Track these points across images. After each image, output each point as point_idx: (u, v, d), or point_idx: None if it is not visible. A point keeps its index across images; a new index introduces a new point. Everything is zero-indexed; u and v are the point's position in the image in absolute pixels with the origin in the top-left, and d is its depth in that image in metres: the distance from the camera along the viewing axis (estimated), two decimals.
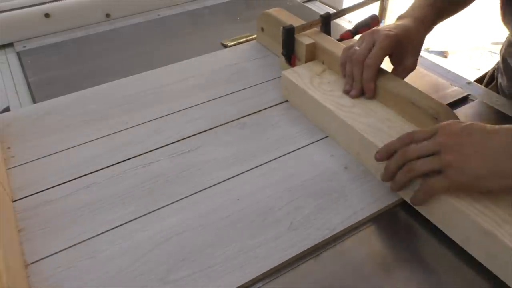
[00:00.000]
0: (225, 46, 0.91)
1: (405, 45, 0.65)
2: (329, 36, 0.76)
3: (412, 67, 0.67)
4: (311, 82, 0.69)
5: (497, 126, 0.48)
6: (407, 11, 0.69)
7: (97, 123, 0.69)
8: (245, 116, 0.70)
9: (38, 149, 0.64)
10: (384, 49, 0.62)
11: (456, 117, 0.57)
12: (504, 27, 0.74)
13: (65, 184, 0.59)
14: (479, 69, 0.83)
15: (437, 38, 2.58)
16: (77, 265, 0.48)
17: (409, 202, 0.53)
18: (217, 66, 0.83)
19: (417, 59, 0.67)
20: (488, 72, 0.90)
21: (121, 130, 0.67)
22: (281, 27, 0.75)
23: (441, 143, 0.48)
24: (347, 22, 1.01)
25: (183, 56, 0.85)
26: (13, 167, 0.61)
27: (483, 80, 0.88)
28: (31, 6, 0.97)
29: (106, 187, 0.58)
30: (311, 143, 0.65)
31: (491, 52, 2.57)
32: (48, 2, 0.99)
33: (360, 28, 0.78)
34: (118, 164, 0.61)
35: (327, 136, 0.66)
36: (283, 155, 0.63)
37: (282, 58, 0.78)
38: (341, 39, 0.78)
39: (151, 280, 0.47)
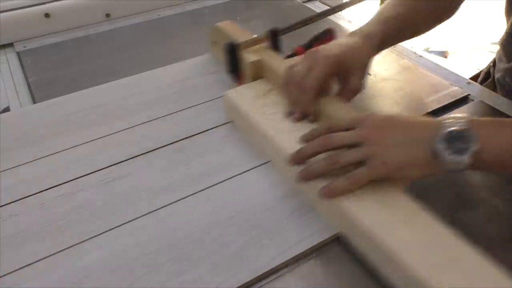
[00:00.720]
0: None
1: (348, 66, 0.60)
2: (276, 53, 0.72)
3: (357, 89, 0.62)
4: (254, 103, 0.64)
5: (415, 119, 0.51)
6: (360, 27, 0.65)
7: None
8: (185, 138, 0.65)
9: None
10: (323, 70, 0.58)
11: None
12: (505, 19, 0.74)
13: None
14: (479, 69, 0.82)
15: (437, 38, 2.59)
16: None
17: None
18: (164, 82, 0.77)
19: (362, 80, 0.62)
20: (483, 70, 0.90)
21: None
22: (224, 43, 0.70)
23: (363, 135, 0.49)
24: (347, 22, 1.01)
25: (183, 56, 0.85)
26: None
27: (478, 78, 0.88)
28: (31, 6, 0.98)
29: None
30: (250, 169, 0.60)
31: (491, 52, 2.57)
32: (48, 2, 0.99)
33: (314, 42, 0.73)
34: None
35: (268, 161, 0.61)
36: (219, 183, 0.58)
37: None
38: (294, 54, 0.73)
39: None
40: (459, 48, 2.66)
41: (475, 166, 0.46)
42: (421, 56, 0.87)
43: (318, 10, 1.08)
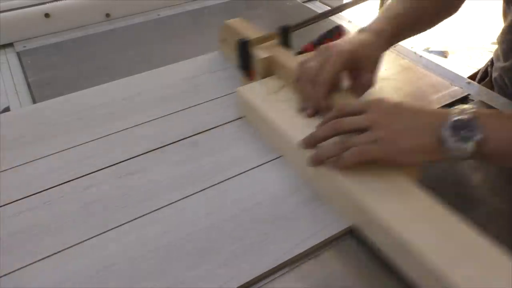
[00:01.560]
0: None
1: (361, 61, 0.61)
2: (287, 50, 0.72)
3: (368, 84, 0.62)
4: (266, 99, 0.65)
5: (424, 107, 0.53)
6: (369, 24, 0.66)
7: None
8: (198, 133, 0.66)
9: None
10: (335, 65, 0.59)
11: None
12: (502, 19, 0.74)
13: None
14: (479, 69, 0.82)
15: (437, 38, 2.58)
16: None
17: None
18: (173, 79, 0.78)
19: (374, 76, 0.63)
20: (480, 69, 0.90)
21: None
22: (236, 40, 0.71)
23: (373, 120, 0.51)
24: (347, 22, 1.01)
25: (183, 56, 0.85)
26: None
27: (476, 77, 0.89)
28: (31, 6, 0.98)
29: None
30: (263, 164, 0.61)
31: (491, 52, 2.57)
32: (48, 2, 0.99)
33: (323, 39, 0.74)
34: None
35: (281, 156, 0.61)
36: (233, 177, 0.59)
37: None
38: (303, 51, 0.74)
39: None
40: (459, 48, 2.66)
41: (478, 156, 0.47)
42: (421, 56, 0.87)
43: (318, 10, 1.08)
